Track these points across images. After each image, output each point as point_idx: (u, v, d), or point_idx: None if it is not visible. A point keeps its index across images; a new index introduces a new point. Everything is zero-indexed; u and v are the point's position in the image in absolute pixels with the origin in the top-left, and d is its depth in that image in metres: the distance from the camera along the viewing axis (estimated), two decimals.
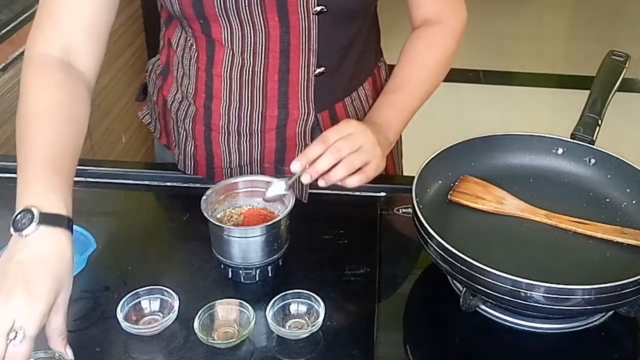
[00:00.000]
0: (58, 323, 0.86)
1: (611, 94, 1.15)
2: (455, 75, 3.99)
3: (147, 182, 1.26)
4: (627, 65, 1.18)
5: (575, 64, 4.01)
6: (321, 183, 1.02)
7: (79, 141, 1.01)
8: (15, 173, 1.03)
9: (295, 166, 1.00)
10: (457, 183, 1.12)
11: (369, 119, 1.13)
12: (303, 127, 1.17)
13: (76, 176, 1.23)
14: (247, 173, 1.21)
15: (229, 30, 1.10)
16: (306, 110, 1.16)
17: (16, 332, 0.78)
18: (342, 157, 1.01)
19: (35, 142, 0.95)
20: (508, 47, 4.32)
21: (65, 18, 1.06)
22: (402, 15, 1.23)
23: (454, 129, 1.82)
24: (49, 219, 0.87)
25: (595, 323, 0.98)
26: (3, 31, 1.85)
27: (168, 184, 1.24)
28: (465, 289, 0.96)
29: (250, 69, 1.13)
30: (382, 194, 1.22)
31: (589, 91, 1.16)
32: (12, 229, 0.86)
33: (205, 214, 1.01)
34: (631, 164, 1.10)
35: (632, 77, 3.70)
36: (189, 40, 1.16)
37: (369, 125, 1.07)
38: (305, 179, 1.01)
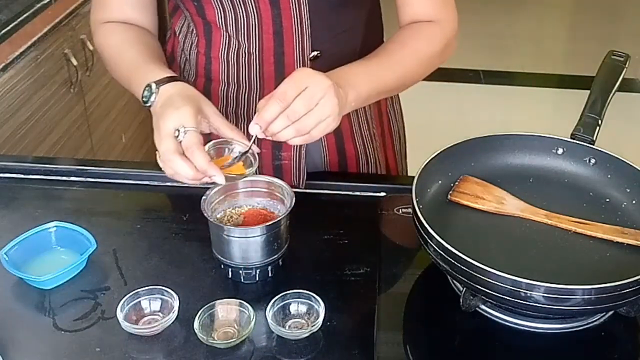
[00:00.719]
0: (218, 120, 1.02)
1: (611, 94, 1.15)
2: (455, 75, 4.01)
3: (147, 182, 1.26)
4: (627, 65, 1.17)
5: (575, 64, 4.01)
6: (258, 131, 0.98)
7: (161, 54, 1.19)
8: (15, 173, 1.28)
9: (254, 129, 0.97)
10: (457, 183, 1.11)
11: (335, 72, 1.06)
12: None
13: (76, 176, 1.26)
14: None
15: (222, 12, 1.13)
16: None
17: (179, 131, 0.96)
18: (297, 119, 0.96)
19: (130, 57, 1.14)
20: (508, 47, 4.32)
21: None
22: None
23: (454, 129, 1.82)
24: (164, 82, 1.04)
25: (595, 323, 0.98)
26: (3, 31, 1.85)
27: (168, 184, 1.24)
28: (465, 289, 0.96)
29: (246, 51, 1.15)
30: (382, 194, 1.22)
31: (589, 91, 1.16)
32: (144, 105, 1.05)
33: (205, 214, 1.01)
34: (631, 164, 1.10)
35: (632, 77, 3.70)
36: (190, 25, 1.19)
37: (332, 78, 0.99)
38: (255, 130, 0.97)
